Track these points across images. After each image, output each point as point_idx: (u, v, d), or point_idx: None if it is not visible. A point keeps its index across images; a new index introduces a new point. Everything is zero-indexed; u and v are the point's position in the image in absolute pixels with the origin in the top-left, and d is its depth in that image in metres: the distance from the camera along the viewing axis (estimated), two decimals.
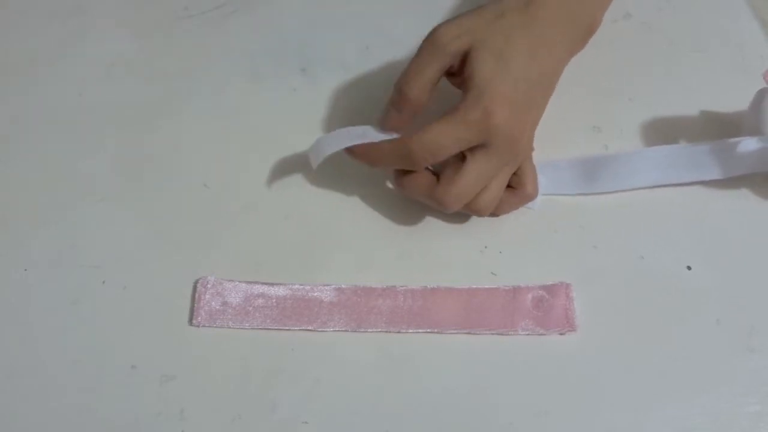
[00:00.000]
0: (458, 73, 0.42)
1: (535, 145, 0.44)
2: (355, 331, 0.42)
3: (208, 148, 0.48)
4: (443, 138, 0.40)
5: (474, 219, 0.45)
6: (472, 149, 0.40)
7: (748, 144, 0.45)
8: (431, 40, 0.42)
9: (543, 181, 0.45)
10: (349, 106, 0.49)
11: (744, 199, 0.46)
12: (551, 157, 0.46)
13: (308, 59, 0.51)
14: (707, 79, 0.51)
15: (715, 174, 0.45)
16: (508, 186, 0.44)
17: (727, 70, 0.51)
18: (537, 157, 0.45)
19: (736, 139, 0.45)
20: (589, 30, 0.46)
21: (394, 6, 0.54)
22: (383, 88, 0.50)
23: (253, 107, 0.50)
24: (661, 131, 0.48)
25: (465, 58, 0.41)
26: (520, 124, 0.41)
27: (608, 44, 0.52)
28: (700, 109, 0.49)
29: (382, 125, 0.43)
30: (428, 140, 0.40)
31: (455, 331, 0.42)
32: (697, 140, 0.47)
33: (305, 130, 0.49)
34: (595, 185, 0.46)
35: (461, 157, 0.41)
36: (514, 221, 0.45)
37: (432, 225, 0.45)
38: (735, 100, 0.49)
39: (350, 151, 0.43)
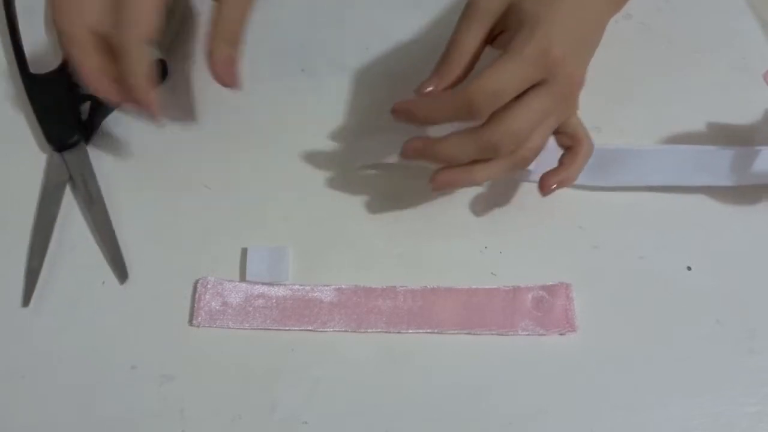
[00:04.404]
0: (505, 28, 0.41)
1: None
2: (355, 331, 0.42)
3: (208, 148, 0.48)
4: (504, 79, 0.38)
5: (474, 219, 0.45)
6: (529, 89, 0.39)
7: None
8: (471, 5, 0.41)
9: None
10: (349, 106, 0.49)
11: (743, 199, 0.46)
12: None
13: (308, 59, 0.51)
14: (707, 80, 0.51)
15: (729, 180, 0.45)
16: (568, 149, 0.43)
17: (727, 71, 0.51)
18: None
19: (759, 147, 0.44)
20: None
21: (394, 6, 0.54)
22: (383, 88, 0.51)
23: (253, 107, 0.50)
24: (661, 131, 0.48)
25: (508, 12, 0.40)
26: (576, 60, 0.40)
27: (608, 44, 0.52)
28: (700, 109, 0.49)
29: (420, 90, 0.41)
30: (489, 84, 0.38)
31: (455, 331, 0.42)
32: (697, 141, 0.47)
33: (305, 130, 0.49)
34: (604, 178, 0.46)
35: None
36: (514, 221, 0.45)
37: (432, 225, 0.45)
38: (735, 101, 0.49)
39: (396, 111, 0.41)
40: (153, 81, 0.41)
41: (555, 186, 0.42)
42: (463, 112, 0.39)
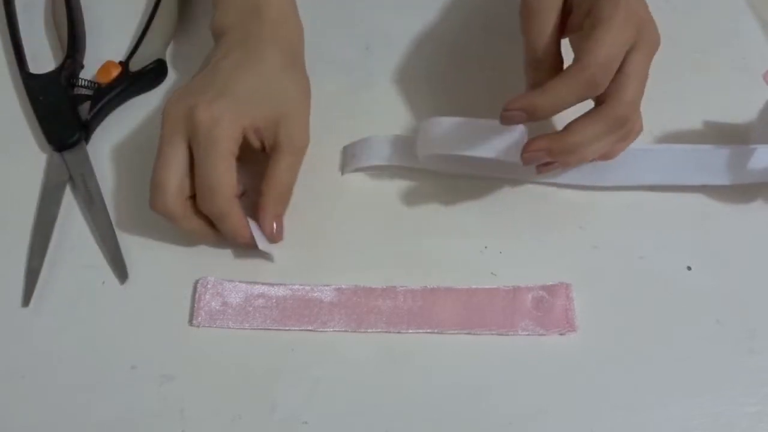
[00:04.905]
0: (573, 9, 0.41)
1: None
2: (355, 331, 0.42)
3: None
4: (611, 46, 0.38)
5: (474, 219, 0.45)
6: (627, 55, 0.39)
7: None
8: (528, 2, 0.42)
9: None
10: (349, 106, 0.49)
11: (743, 199, 0.46)
12: None
13: (308, 59, 0.51)
14: (707, 80, 0.51)
15: (726, 179, 0.45)
16: None
17: (727, 71, 0.51)
18: None
19: (754, 146, 0.44)
20: None
21: (394, 6, 0.54)
22: (383, 88, 0.51)
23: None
24: (661, 131, 0.48)
25: None
26: (653, 19, 0.41)
27: None
28: (700, 109, 0.49)
29: (529, 86, 0.43)
30: (601, 55, 0.38)
31: (455, 331, 0.42)
32: (697, 141, 0.47)
33: None
34: (603, 178, 0.46)
35: None
36: (514, 221, 0.45)
37: (432, 225, 0.45)
38: (735, 101, 0.49)
39: (511, 110, 0.40)
40: (248, 229, 0.42)
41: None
42: (587, 90, 0.39)
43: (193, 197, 0.42)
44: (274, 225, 0.43)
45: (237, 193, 0.42)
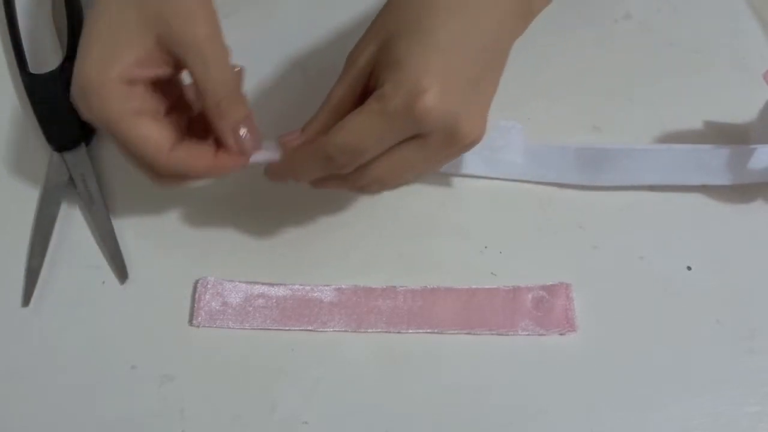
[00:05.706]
0: (380, 74, 0.34)
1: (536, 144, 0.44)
2: (355, 331, 0.42)
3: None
4: (361, 137, 0.33)
5: (474, 219, 0.45)
6: (402, 143, 0.34)
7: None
8: (348, 56, 0.37)
9: (547, 167, 0.45)
10: None
11: (743, 199, 0.46)
12: None
13: (308, 59, 0.51)
14: (707, 80, 0.51)
15: (725, 179, 0.45)
16: None
17: (726, 71, 0.51)
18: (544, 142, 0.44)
19: (754, 146, 0.44)
20: (530, 9, 0.36)
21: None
22: None
23: (252, 107, 0.49)
24: (661, 131, 0.48)
25: (379, 53, 0.35)
26: (462, 105, 0.33)
27: (608, 44, 0.52)
28: (699, 109, 0.49)
29: (281, 139, 0.39)
30: (348, 141, 0.33)
31: (455, 332, 0.42)
32: (697, 141, 0.47)
33: None
34: (602, 178, 0.46)
35: None
36: (514, 221, 0.45)
37: (432, 225, 0.45)
38: (735, 101, 0.48)
39: (268, 172, 0.39)
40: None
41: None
42: (325, 168, 0.35)
43: None
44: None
45: (166, 144, 0.36)
